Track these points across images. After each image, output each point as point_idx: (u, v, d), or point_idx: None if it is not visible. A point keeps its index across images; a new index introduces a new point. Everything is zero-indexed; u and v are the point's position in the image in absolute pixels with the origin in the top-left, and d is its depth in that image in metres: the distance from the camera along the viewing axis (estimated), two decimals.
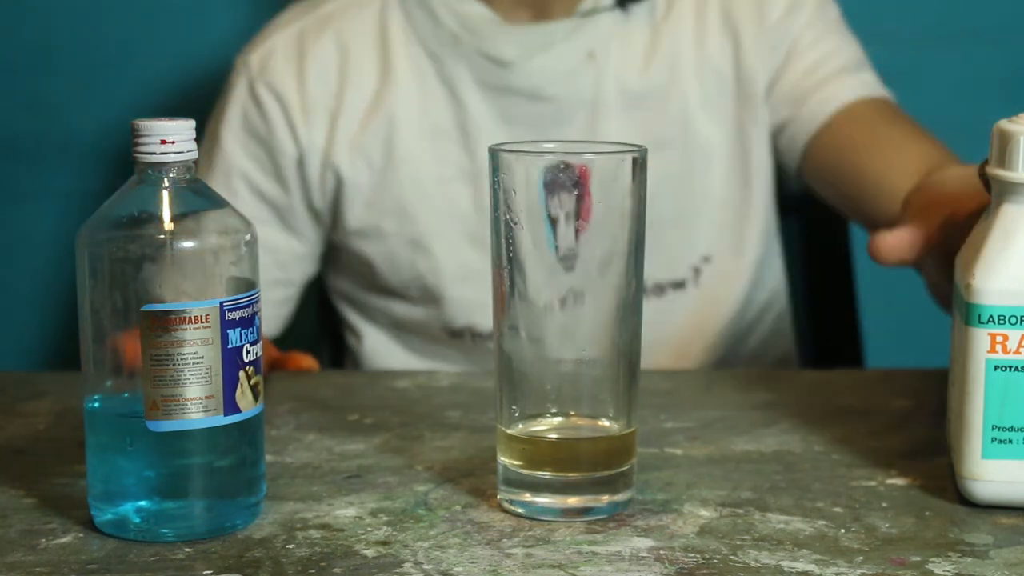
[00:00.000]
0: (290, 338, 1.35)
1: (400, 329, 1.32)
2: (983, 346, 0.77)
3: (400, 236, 1.26)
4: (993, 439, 0.78)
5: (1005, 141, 0.78)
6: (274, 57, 1.27)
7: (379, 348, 1.33)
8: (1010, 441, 0.77)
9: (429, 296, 1.28)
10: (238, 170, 1.27)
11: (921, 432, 0.92)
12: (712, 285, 1.28)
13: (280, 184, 1.27)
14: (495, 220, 0.77)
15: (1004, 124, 0.79)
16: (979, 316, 0.77)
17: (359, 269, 1.31)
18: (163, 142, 0.74)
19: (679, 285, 1.26)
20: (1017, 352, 0.77)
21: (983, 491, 0.79)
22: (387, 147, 1.26)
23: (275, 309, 1.30)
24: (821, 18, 1.30)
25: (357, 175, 1.26)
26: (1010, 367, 0.77)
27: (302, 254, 1.30)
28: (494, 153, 0.77)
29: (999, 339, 0.77)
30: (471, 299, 1.27)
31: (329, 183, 1.27)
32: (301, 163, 1.26)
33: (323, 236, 1.31)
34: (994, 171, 0.79)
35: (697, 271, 1.27)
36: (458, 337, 1.28)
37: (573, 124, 1.24)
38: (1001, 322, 0.77)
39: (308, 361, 1.12)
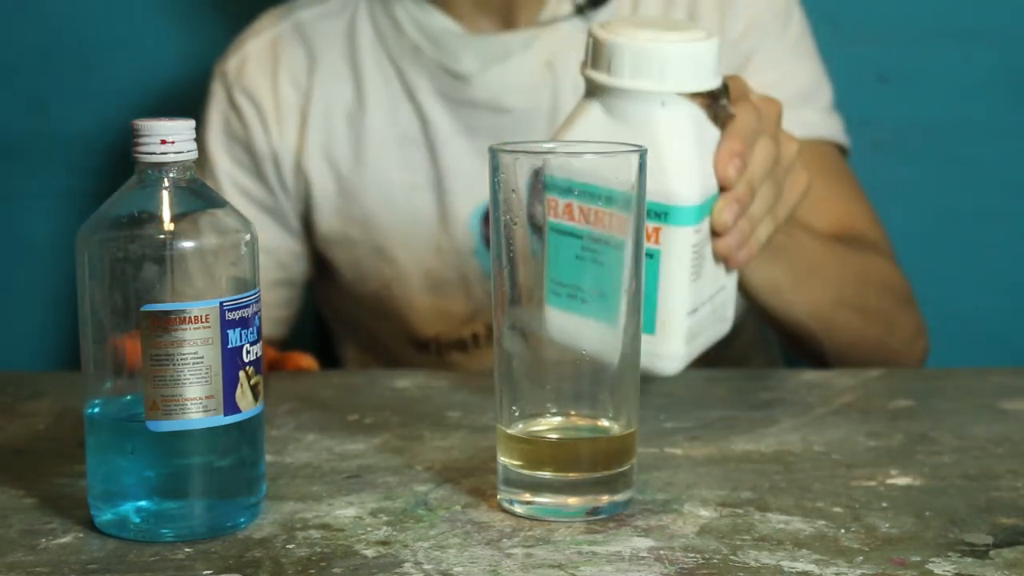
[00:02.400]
0: (290, 339, 1.35)
1: (371, 342, 1.32)
2: (545, 208, 0.84)
3: (366, 244, 1.27)
4: (551, 291, 0.82)
5: (597, 46, 0.90)
6: (249, 63, 1.29)
7: (358, 361, 1.33)
8: (559, 294, 0.82)
9: (396, 306, 1.27)
10: (226, 174, 1.28)
11: (921, 432, 0.92)
12: None
13: (264, 185, 1.28)
14: (495, 220, 0.77)
15: (597, 30, 0.90)
16: (544, 182, 0.84)
17: (333, 278, 1.31)
18: (163, 142, 0.74)
19: None
20: (562, 217, 0.82)
21: (549, 332, 0.81)
22: (355, 154, 1.26)
23: (279, 311, 1.30)
24: (778, 40, 1.25)
25: (325, 181, 1.27)
26: (559, 230, 0.82)
27: (300, 253, 1.31)
28: (494, 153, 0.77)
29: (552, 203, 0.82)
30: (437, 307, 1.27)
31: (301, 189, 1.28)
32: (276, 164, 1.28)
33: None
34: (585, 71, 0.91)
35: None
36: (424, 350, 1.28)
37: (534, 134, 1.24)
38: (553, 190, 0.83)
39: (307, 360, 1.12)
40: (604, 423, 0.78)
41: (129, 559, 0.72)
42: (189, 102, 1.36)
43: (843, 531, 0.76)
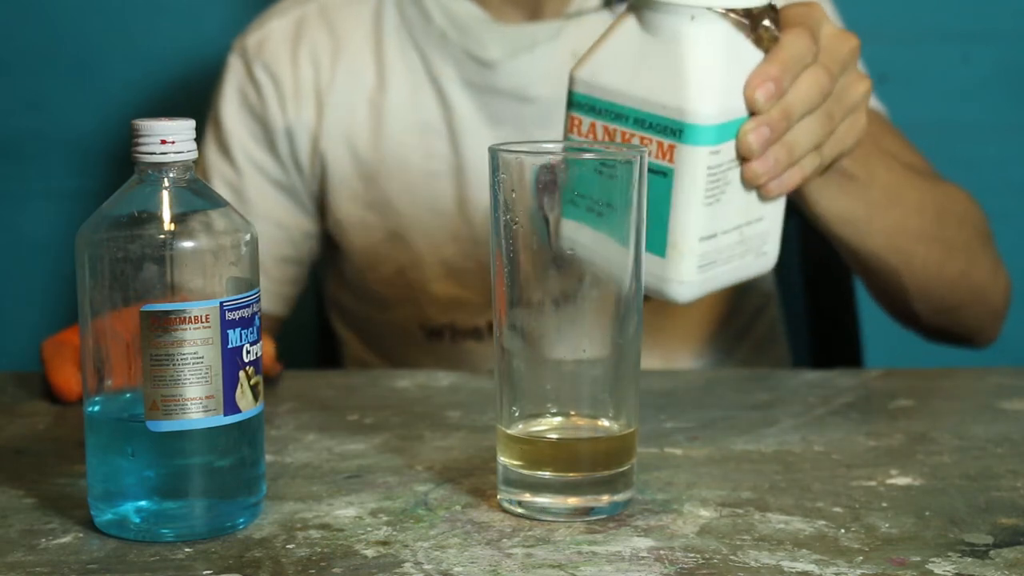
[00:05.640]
0: (290, 339, 1.35)
1: (378, 335, 1.31)
2: (567, 126, 0.90)
3: (383, 229, 1.27)
4: (569, 201, 0.79)
5: None
6: (271, 40, 1.29)
7: (358, 357, 1.33)
8: (578, 204, 0.79)
9: (411, 292, 1.27)
10: (241, 148, 1.28)
11: (921, 432, 0.92)
12: None
13: (277, 161, 1.28)
14: (495, 220, 0.77)
15: None
16: (568, 99, 0.90)
17: (341, 266, 1.30)
18: (163, 142, 0.74)
19: None
20: (586, 135, 0.89)
21: (562, 242, 0.79)
22: (375, 140, 1.26)
23: (285, 287, 1.30)
24: None
25: (344, 165, 1.26)
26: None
27: (310, 232, 1.30)
28: (494, 153, 0.77)
29: (576, 122, 0.90)
30: (452, 295, 1.27)
31: (317, 170, 1.27)
32: (291, 141, 1.27)
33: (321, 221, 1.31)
34: None
35: None
36: (437, 337, 1.28)
37: (557, 125, 1.24)
38: (578, 108, 0.90)
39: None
40: (604, 423, 0.78)
41: (129, 559, 0.72)
42: (189, 102, 1.36)
43: (843, 531, 0.76)
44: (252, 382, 0.75)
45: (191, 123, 0.75)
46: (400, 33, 1.27)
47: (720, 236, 0.88)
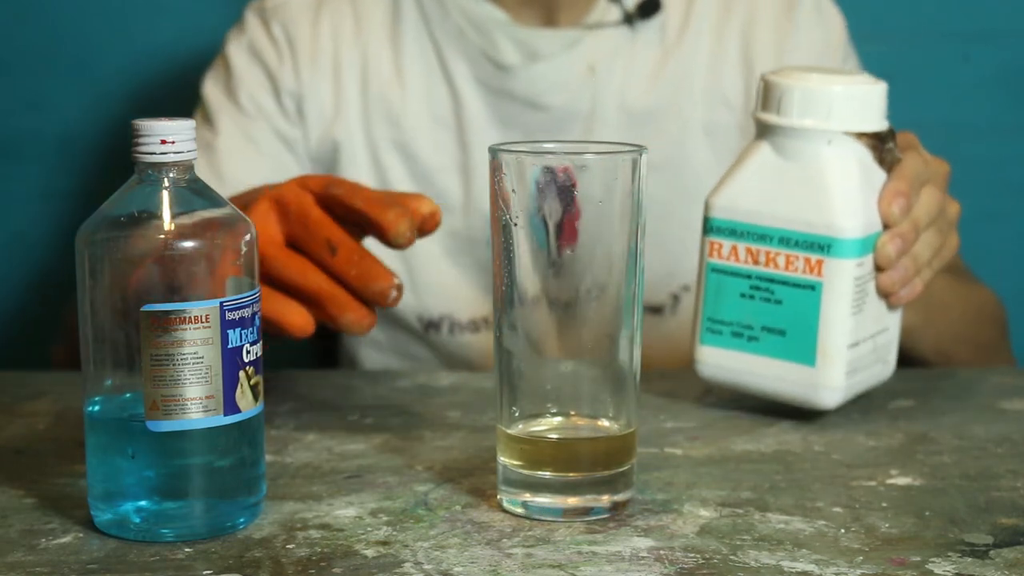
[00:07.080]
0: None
1: (377, 325, 1.31)
2: (705, 251, 0.95)
3: None
4: (708, 329, 0.95)
5: (768, 88, 0.94)
6: (291, 5, 1.29)
7: (357, 350, 1.33)
8: (720, 332, 0.95)
9: (408, 281, 1.27)
10: (249, 95, 1.27)
11: (921, 432, 0.92)
12: (691, 315, 1.27)
13: (283, 114, 1.27)
14: (495, 220, 0.77)
15: (768, 75, 0.94)
16: (705, 226, 0.95)
17: None
18: (163, 142, 0.74)
19: (656, 310, 1.26)
20: (727, 258, 0.94)
21: (701, 371, 0.97)
22: (387, 126, 1.26)
23: None
24: None
25: (354, 144, 1.26)
26: (722, 270, 0.94)
27: None
28: (494, 152, 0.77)
29: (716, 246, 0.94)
30: (451, 286, 1.27)
31: (326, 151, 1.27)
32: (299, 105, 1.27)
33: None
34: (756, 113, 0.95)
35: (676, 298, 1.26)
36: (435, 328, 1.28)
37: (568, 136, 1.25)
38: (718, 232, 0.94)
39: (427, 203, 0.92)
40: (604, 423, 0.78)
41: (129, 559, 0.72)
42: (189, 102, 1.36)
43: (843, 531, 0.76)
44: (252, 382, 0.75)
45: (191, 123, 0.75)
46: (417, 25, 1.27)
47: (861, 344, 0.93)
